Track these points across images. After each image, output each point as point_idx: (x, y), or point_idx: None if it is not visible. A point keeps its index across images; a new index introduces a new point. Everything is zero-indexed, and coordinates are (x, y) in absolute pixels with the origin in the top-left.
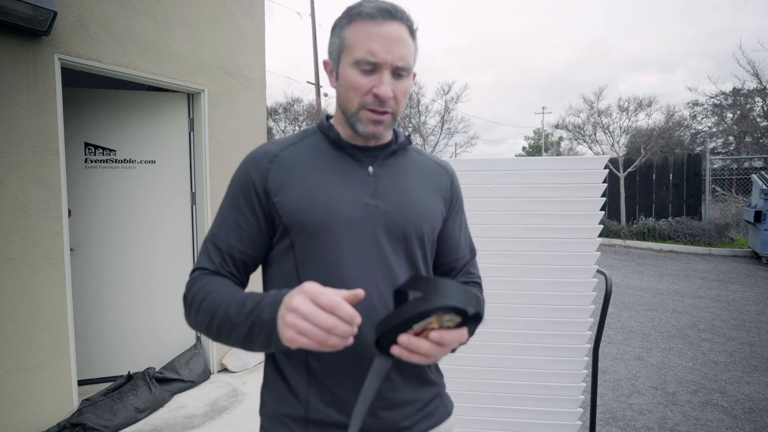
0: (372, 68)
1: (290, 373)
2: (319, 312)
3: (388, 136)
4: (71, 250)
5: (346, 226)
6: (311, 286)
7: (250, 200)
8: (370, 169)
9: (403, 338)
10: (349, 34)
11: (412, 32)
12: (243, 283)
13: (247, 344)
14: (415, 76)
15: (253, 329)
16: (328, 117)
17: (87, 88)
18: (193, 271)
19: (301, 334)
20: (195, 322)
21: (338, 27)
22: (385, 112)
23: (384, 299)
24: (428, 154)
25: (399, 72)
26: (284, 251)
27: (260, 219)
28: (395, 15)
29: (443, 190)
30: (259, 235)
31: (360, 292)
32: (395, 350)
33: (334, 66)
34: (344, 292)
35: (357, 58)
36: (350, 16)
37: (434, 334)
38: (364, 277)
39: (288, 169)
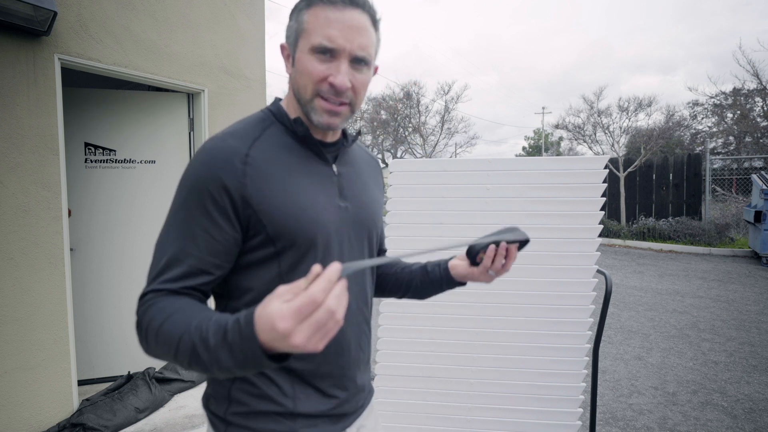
0: (329, 55)
1: (271, 373)
2: (304, 299)
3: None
4: (71, 250)
5: (328, 233)
6: (271, 299)
7: (223, 206)
8: (335, 167)
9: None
10: (308, 18)
11: (374, 22)
12: (207, 295)
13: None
14: (376, 70)
15: (231, 368)
16: (277, 100)
17: (87, 88)
18: (145, 294)
19: (312, 335)
20: (155, 353)
21: (297, 10)
22: (342, 103)
23: (358, 299)
24: (362, 145)
25: (358, 62)
26: (266, 259)
27: (236, 228)
28: (357, 2)
29: (381, 183)
30: (235, 246)
31: (316, 268)
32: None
33: (290, 51)
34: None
35: (314, 44)
36: (309, 0)
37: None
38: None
39: (265, 173)
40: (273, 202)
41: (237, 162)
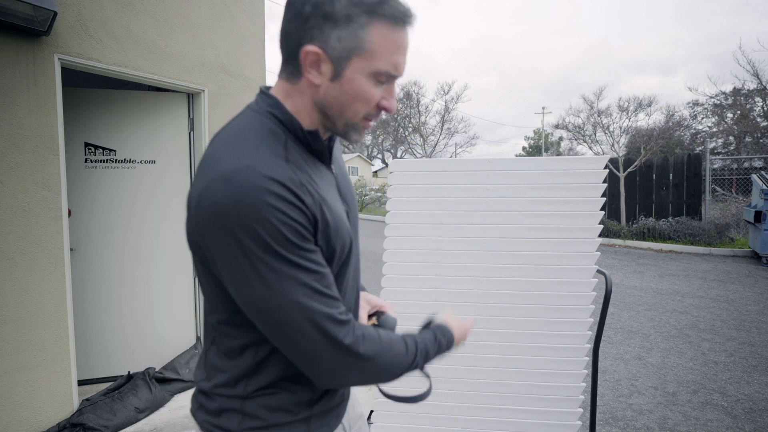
0: (387, 80)
1: (295, 388)
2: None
3: None
4: (71, 250)
5: (351, 240)
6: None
7: (310, 235)
8: (333, 169)
9: None
10: (372, 37)
11: None
12: None
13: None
14: None
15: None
16: (265, 90)
17: (87, 88)
18: (345, 323)
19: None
20: (404, 366)
21: (349, 19)
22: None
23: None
24: None
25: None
26: None
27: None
28: (413, 19)
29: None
30: None
31: None
32: None
33: (334, 64)
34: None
35: (380, 70)
36: (370, 11)
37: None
38: (353, 280)
39: (312, 194)
40: (328, 222)
41: (300, 191)
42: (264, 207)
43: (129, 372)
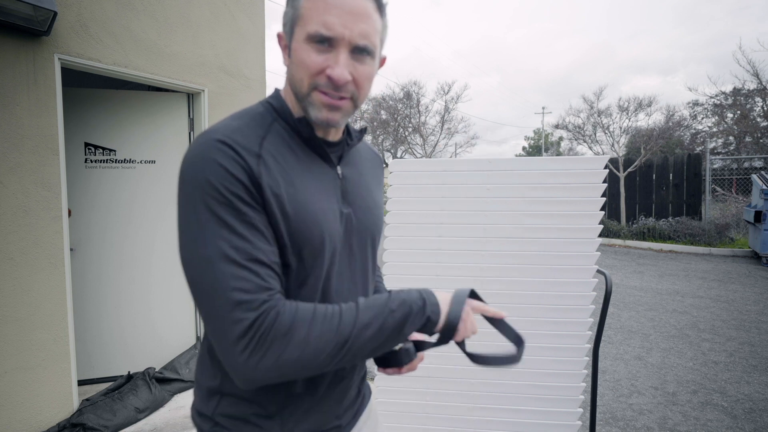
0: (327, 44)
1: (265, 393)
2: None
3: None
4: (71, 250)
5: (334, 241)
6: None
7: (255, 199)
8: (339, 170)
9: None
10: (304, 3)
11: (379, 7)
12: None
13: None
14: (383, 62)
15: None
16: (278, 91)
17: (87, 88)
18: (261, 304)
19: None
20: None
21: None
22: (342, 97)
23: None
24: (365, 142)
25: (360, 52)
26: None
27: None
28: None
29: (382, 182)
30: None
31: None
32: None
33: (287, 40)
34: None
35: (310, 32)
36: None
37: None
38: (347, 291)
39: (276, 177)
40: (287, 209)
41: (252, 159)
42: (206, 161)
43: (129, 372)
